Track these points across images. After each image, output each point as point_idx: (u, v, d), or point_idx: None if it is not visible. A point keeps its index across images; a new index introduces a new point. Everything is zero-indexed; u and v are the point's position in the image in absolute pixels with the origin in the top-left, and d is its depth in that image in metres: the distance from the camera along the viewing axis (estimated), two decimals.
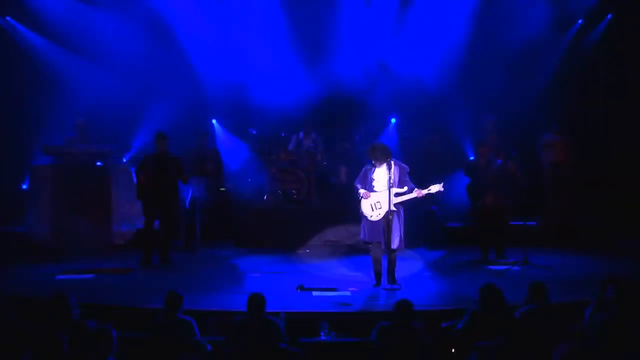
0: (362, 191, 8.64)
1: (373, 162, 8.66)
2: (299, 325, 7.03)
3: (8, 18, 12.91)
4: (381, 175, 8.63)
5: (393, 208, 8.48)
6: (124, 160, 12.52)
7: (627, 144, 12.54)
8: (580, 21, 13.27)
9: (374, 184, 8.67)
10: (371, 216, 8.63)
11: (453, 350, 6.49)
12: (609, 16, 13.09)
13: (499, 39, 12.48)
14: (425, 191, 8.61)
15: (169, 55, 12.79)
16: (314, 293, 8.40)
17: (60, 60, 12.86)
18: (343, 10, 13.13)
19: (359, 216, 8.81)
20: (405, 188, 8.58)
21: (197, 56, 13.03)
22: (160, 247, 10.19)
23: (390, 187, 8.46)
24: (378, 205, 8.58)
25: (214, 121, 13.41)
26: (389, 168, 8.52)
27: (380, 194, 8.59)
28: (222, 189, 12.47)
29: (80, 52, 12.77)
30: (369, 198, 8.61)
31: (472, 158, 12.29)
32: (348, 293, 8.44)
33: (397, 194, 8.53)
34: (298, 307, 7.73)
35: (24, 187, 12.30)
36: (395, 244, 8.50)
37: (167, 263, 10.19)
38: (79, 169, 11.38)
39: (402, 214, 8.66)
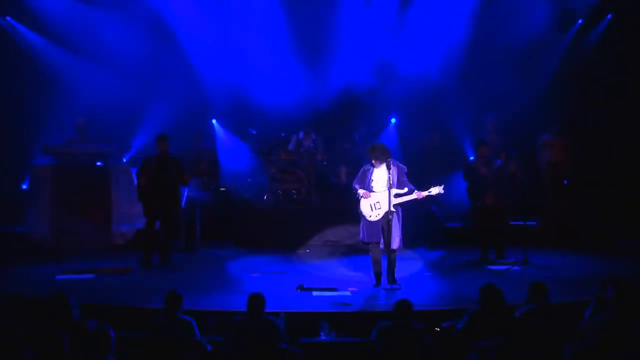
0: (361, 191, 8.63)
1: (373, 162, 8.65)
2: (299, 325, 7.03)
3: (8, 18, 12.89)
4: (380, 175, 8.62)
5: (392, 209, 8.47)
6: (124, 160, 12.50)
7: (627, 144, 12.54)
8: (580, 21, 13.27)
9: (372, 184, 8.65)
10: (370, 216, 8.61)
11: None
12: (609, 16, 13.09)
13: (499, 39, 12.48)
14: (425, 193, 8.59)
15: (169, 56, 12.79)
16: (314, 293, 8.40)
17: (60, 60, 12.85)
18: (343, 10, 13.11)
19: (358, 216, 8.80)
20: (405, 189, 8.57)
21: (197, 56, 13.02)
22: (160, 247, 10.19)
23: (390, 188, 8.46)
24: (377, 206, 8.58)
25: (214, 121, 13.39)
26: (389, 168, 8.51)
27: (380, 194, 8.58)
28: (222, 188, 12.47)
29: (80, 52, 12.77)
30: (368, 198, 8.61)
31: (472, 158, 12.28)
32: (348, 293, 8.43)
33: (397, 195, 8.53)
34: (298, 307, 7.72)
35: (24, 187, 12.28)
36: (395, 244, 8.49)
37: (167, 263, 10.19)
38: (79, 169, 11.38)
39: (401, 214, 8.67)
